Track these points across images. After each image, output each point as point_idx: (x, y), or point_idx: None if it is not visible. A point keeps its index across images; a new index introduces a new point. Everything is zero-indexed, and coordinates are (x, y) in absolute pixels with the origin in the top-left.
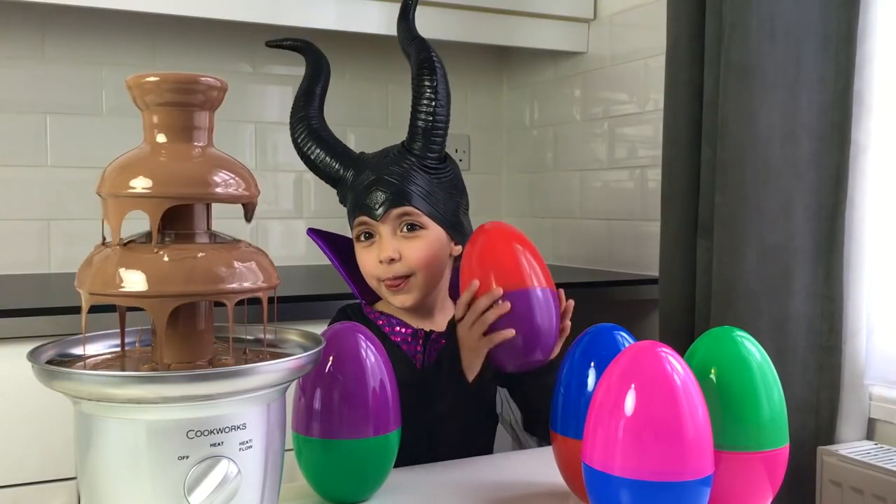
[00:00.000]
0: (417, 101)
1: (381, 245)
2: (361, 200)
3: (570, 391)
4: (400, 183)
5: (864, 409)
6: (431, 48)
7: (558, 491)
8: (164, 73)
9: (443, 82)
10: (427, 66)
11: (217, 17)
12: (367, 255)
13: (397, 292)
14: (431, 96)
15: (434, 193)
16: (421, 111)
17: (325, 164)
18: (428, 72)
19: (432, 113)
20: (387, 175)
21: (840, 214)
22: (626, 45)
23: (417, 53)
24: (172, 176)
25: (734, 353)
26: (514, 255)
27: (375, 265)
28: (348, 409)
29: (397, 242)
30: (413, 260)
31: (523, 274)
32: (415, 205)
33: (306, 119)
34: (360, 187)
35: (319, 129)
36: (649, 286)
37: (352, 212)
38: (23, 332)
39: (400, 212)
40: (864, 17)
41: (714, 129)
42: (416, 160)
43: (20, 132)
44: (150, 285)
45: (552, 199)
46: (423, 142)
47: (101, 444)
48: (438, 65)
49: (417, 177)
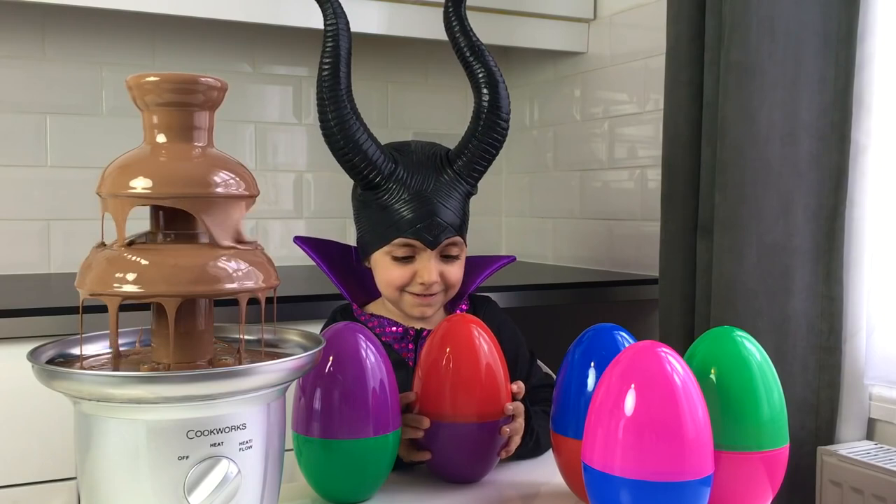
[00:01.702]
0: (487, 131)
1: (427, 268)
2: (412, 224)
3: (570, 391)
4: (455, 214)
5: (864, 409)
6: (498, 69)
7: (558, 491)
8: (163, 73)
9: (506, 102)
10: (500, 97)
11: (217, 17)
12: (399, 271)
13: (424, 304)
14: (502, 134)
15: (468, 216)
16: (486, 140)
17: (362, 171)
18: (502, 108)
19: (496, 146)
20: (442, 202)
21: (840, 214)
22: (626, 45)
23: (487, 74)
24: (172, 176)
25: (734, 353)
26: (478, 379)
27: (405, 280)
28: (348, 409)
29: (440, 266)
30: (451, 281)
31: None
32: (460, 234)
33: (344, 107)
34: (410, 210)
35: (352, 121)
36: (649, 286)
37: (394, 230)
38: (23, 332)
39: (450, 241)
40: (864, 17)
41: (714, 129)
42: (457, 178)
43: (20, 132)
44: (150, 285)
45: (552, 199)
46: (473, 166)
47: (101, 444)
48: (505, 94)
49: (459, 202)
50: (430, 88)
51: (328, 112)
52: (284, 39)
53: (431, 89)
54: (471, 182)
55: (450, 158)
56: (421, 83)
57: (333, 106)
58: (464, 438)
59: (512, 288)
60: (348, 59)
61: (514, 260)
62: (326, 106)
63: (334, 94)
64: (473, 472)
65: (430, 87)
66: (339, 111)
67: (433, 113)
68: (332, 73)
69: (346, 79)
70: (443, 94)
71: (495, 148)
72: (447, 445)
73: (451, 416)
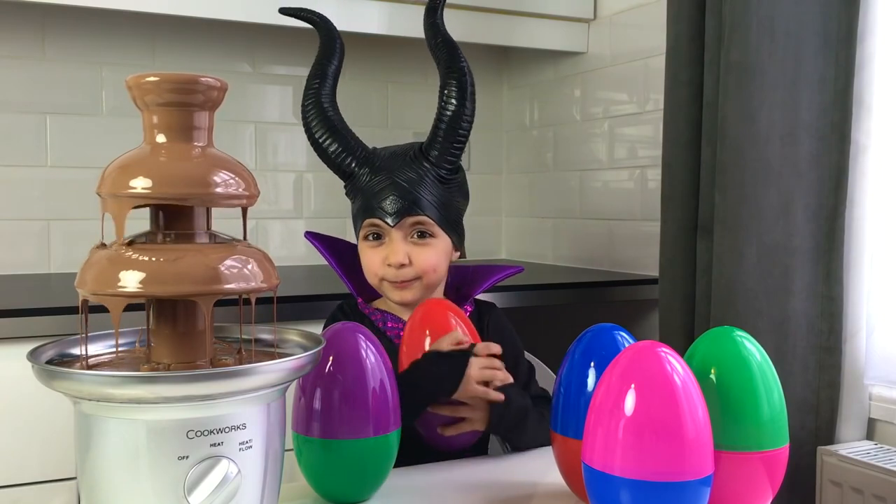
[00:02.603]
0: (442, 109)
1: (393, 249)
2: (375, 204)
3: (570, 391)
4: (415, 191)
5: (864, 409)
6: (461, 54)
7: (558, 491)
8: (163, 73)
9: (470, 92)
10: (455, 73)
11: (217, 17)
12: (374, 255)
13: (400, 289)
14: (457, 107)
15: (446, 203)
16: (444, 120)
17: (338, 157)
18: (456, 81)
19: (456, 125)
20: (402, 180)
21: (840, 214)
22: (626, 45)
23: (447, 59)
24: (172, 176)
25: (734, 353)
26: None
27: (381, 265)
28: (348, 409)
29: (408, 248)
30: (422, 266)
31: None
32: (428, 214)
33: (319, 104)
34: (374, 189)
35: (333, 117)
36: (649, 286)
37: (362, 212)
38: (23, 332)
39: (414, 220)
40: (864, 17)
41: (714, 129)
42: (431, 167)
43: (20, 132)
44: (150, 285)
45: (552, 199)
46: (441, 150)
47: (101, 444)
48: (467, 73)
49: (432, 185)
50: (430, 88)
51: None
52: (284, 39)
53: (431, 89)
54: (448, 167)
55: (423, 151)
56: (421, 83)
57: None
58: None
59: (512, 288)
60: (340, 62)
61: (521, 270)
62: (308, 107)
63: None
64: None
65: (430, 87)
66: (318, 108)
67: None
68: (317, 75)
69: (333, 80)
70: None
71: (457, 124)
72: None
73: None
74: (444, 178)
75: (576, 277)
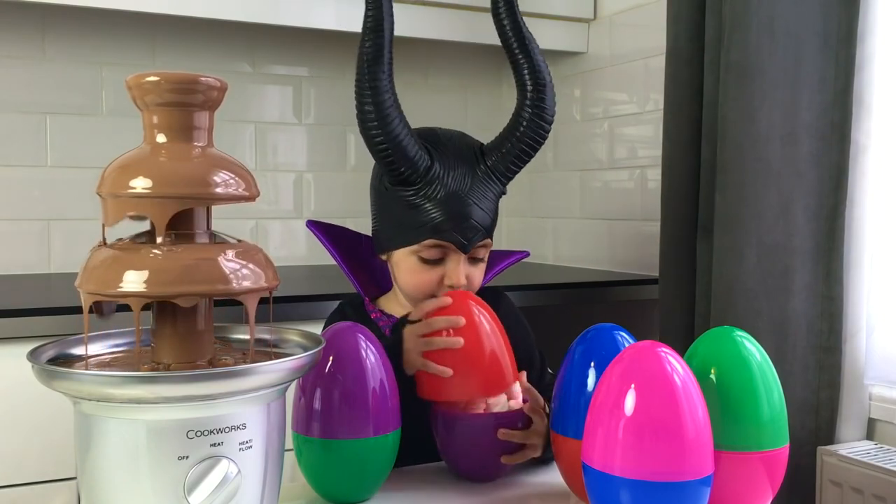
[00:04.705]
0: (528, 132)
1: (456, 271)
2: (449, 226)
3: (570, 391)
4: (488, 215)
5: (864, 409)
6: (546, 67)
7: (558, 491)
8: (163, 73)
9: (551, 117)
10: (546, 98)
11: (217, 17)
12: (430, 274)
13: None
14: (542, 136)
15: (497, 217)
16: (525, 141)
17: (403, 164)
18: (547, 109)
19: (538, 144)
20: (477, 202)
21: (840, 214)
22: (626, 45)
23: (534, 72)
24: (172, 176)
25: (734, 353)
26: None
27: (433, 285)
28: (348, 409)
29: (467, 268)
30: (475, 284)
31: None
32: (491, 235)
33: (385, 98)
34: (449, 212)
35: (401, 116)
36: (649, 286)
37: (429, 230)
38: (23, 332)
39: (482, 244)
40: (864, 17)
41: (714, 128)
42: (496, 182)
43: (20, 132)
44: (150, 285)
45: (552, 199)
46: (513, 167)
47: (101, 444)
48: (552, 94)
49: (495, 203)
50: (430, 88)
51: (367, 102)
52: (284, 39)
53: (431, 89)
54: (503, 181)
55: (484, 153)
56: (421, 83)
57: (374, 95)
58: (480, 432)
59: (512, 288)
60: (391, 43)
61: (527, 255)
62: (366, 95)
63: (375, 85)
64: (485, 468)
65: (430, 87)
66: (380, 102)
67: (433, 113)
68: (375, 59)
69: (390, 66)
70: (443, 94)
71: (533, 149)
72: (463, 441)
73: (458, 393)
74: (502, 193)
75: (576, 277)
